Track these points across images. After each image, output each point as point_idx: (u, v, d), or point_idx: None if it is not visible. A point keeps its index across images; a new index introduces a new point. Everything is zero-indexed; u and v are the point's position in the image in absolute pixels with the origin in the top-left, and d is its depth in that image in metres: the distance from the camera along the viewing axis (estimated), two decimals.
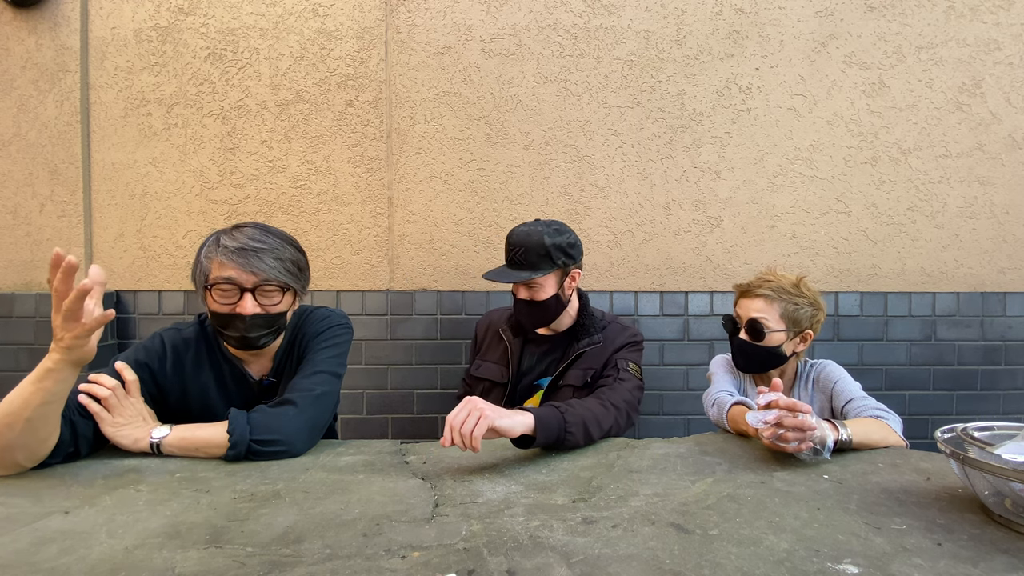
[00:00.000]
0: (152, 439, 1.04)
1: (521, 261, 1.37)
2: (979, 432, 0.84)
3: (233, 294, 1.10)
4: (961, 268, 2.20)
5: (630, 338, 1.43)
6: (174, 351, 1.18)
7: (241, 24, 2.12)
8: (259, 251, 1.10)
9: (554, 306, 1.41)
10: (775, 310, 1.33)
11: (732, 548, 0.71)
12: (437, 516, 0.81)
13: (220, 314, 1.11)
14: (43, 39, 2.10)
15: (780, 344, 1.34)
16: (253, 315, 1.10)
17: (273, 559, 0.69)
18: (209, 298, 1.12)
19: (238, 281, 1.10)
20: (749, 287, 1.37)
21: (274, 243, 1.14)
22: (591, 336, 1.43)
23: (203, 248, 1.14)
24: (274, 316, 1.14)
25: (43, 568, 0.67)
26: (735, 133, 2.16)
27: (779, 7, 2.14)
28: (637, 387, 1.34)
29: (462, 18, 2.12)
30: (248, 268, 1.09)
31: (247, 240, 1.11)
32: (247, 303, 1.10)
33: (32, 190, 2.11)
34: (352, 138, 2.14)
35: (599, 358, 1.40)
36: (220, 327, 1.14)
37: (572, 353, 1.42)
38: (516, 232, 1.40)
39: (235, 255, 1.09)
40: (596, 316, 1.49)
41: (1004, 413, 2.21)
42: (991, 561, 0.67)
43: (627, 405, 1.25)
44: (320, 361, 1.19)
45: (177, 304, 2.15)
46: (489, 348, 1.56)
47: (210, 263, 1.11)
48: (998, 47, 2.16)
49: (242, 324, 1.11)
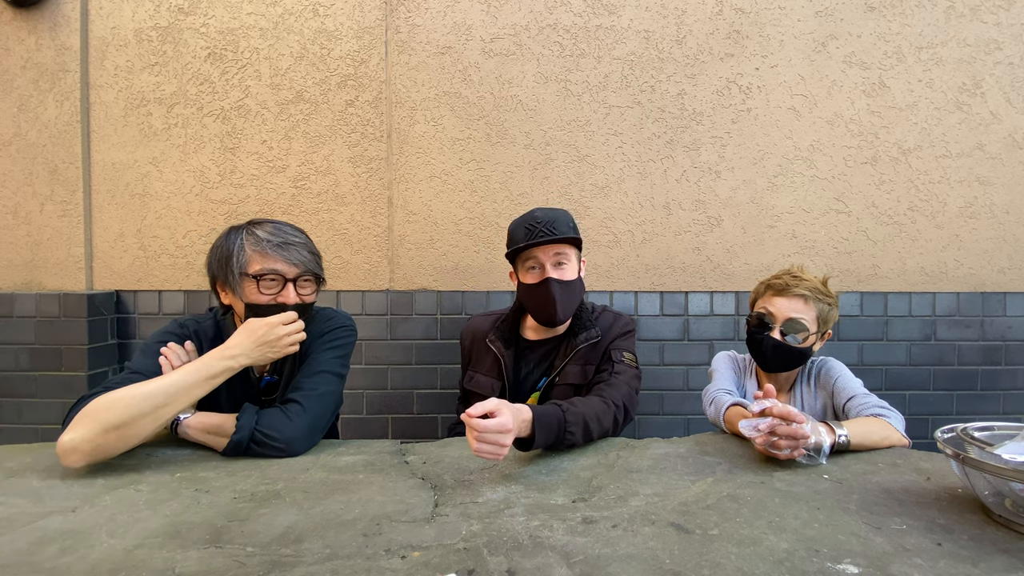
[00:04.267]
0: (178, 416, 1.10)
1: (553, 231, 1.28)
2: (979, 432, 0.84)
3: (277, 284, 1.15)
4: (961, 268, 2.20)
5: (623, 327, 1.39)
6: (196, 339, 1.22)
7: (241, 24, 2.12)
8: (296, 244, 1.17)
9: (579, 290, 1.35)
10: (812, 311, 1.32)
11: (732, 548, 0.71)
12: (437, 516, 0.81)
13: (262, 305, 1.14)
14: (43, 39, 2.10)
15: (811, 345, 1.33)
16: (296, 304, 1.16)
17: (273, 559, 0.69)
18: (252, 290, 1.14)
19: (283, 272, 1.15)
20: (786, 286, 1.33)
21: (304, 237, 1.21)
22: (589, 331, 1.36)
23: (235, 240, 1.16)
24: (309, 306, 1.21)
25: (43, 568, 0.67)
26: (735, 133, 2.16)
27: (779, 7, 2.14)
28: (635, 376, 1.32)
29: (462, 18, 2.12)
30: (291, 260, 1.15)
31: (285, 235, 1.17)
32: (290, 293, 1.16)
33: (32, 190, 2.11)
34: (352, 138, 2.14)
35: (597, 351, 1.36)
36: (256, 316, 1.15)
37: (571, 350, 1.36)
38: (540, 210, 1.34)
39: (279, 248, 1.14)
40: (589, 308, 1.43)
41: (1004, 413, 2.21)
42: (991, 561, 0.67)
43: (626, 398, 1.24)
44: (323, 361, 1.21)
45: (177, 304, 2.15)
46: (479, 359, 1.47)
47: (252, 254, 1.15)
48: (998, 47, 2.16)
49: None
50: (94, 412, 0.96)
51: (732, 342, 2.15)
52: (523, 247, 1.30)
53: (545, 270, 1.31)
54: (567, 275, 1.32)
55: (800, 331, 1.31)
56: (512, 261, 1.40)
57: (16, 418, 2.05)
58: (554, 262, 1.31)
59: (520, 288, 1.38)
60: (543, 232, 1.28)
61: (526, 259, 1.33)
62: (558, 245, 1.31)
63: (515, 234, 1.35)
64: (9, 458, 1.06)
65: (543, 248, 1.30)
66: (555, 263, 1.31)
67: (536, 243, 1.28)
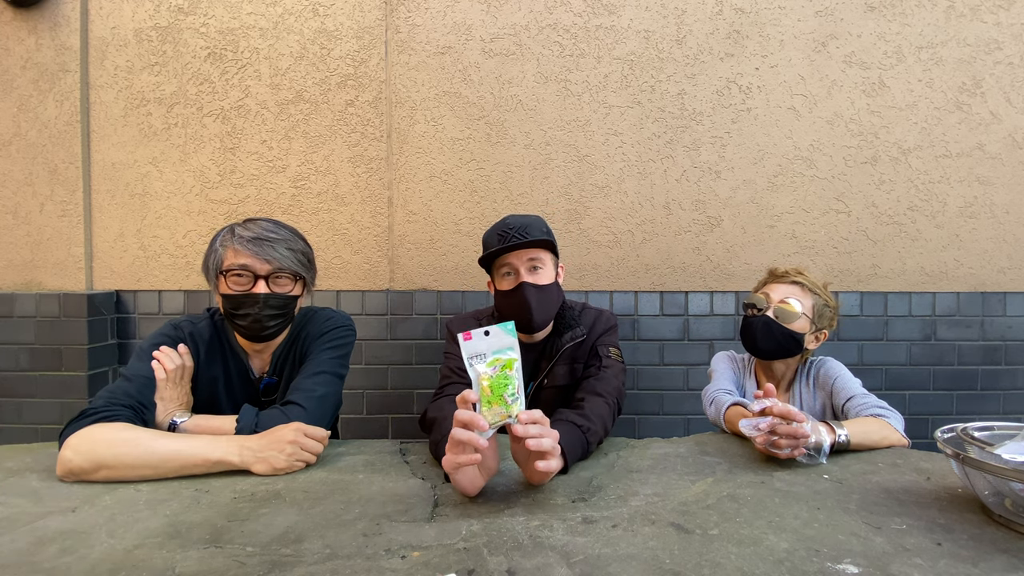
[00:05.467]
0: (174, 419, 1.09)
1: (525, 236, 1.27)
2: (979, 432, 0.84)
3: (247, 281, 1.14)
4: (961, 268, 2.20)
5: (607, 323, 1.38)
6: (192, 340, 1.21)
7: (241, 24, 2.12)
8: (273, 241, 1.15)
9: (555, 295, 1.33)
10: (808, 299, 1.36)
11: (732, 548, 0.71)
12: (437, 516, 0.81)
13: (233, 296, 1.13)
14: (43, 39, 2.10)
15: (803, 333, 1.34)
16: (266, 294, 1.14)
17: (273, 559, 0.69)
18: (223, 284, 1.14)
19: (252, 268, 1.14)
20: (786, 272, 1.40)
21: (287, 235, 1.19)
22: (574, 330, 1.34)
23: (217, 238, 1.18)
24: (286, 299, 1.17)
25: (43, 568, 0.67)
26: (735, 133, 2.16)
27: (779, 7, 2.14)
28: (621, 371, 1.31)
29: (462, 18, 2.12)
30: (262, 256, 1.14)
31: (261, 231, 1.15)
32: (260, 288, 1.14)
33: (32, 190, 2.11)
34: (352, 138, 2.14)
35: (582, 349, 1.35)
36: (232, 310, 1.15)
37: (557, 351, 1.34)
38: (512, 217, 1.33)
39: (250, 244, 1.13)
40: (571, 306, 1.41)
41: (1004, 413, 2.21)
42: (991, 561, 0.67)
43: (617, 393, 1.24)
44: (323, 362, 1.21)
45: (177, 304, 2.15)
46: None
47: (225, 251, 1.15)
48: (998, 47, 2.16)
49: (256, 304, 1.13)
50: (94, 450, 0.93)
51: (732, 342, 2.15)
52: (496, 252, 1.27)
53: (519, 275, 1.28)
54: (542, 279, 1.29)
55: (792, 315, 1.32)
56: (488, 270, 1.37)
57: (16, 418, 2.05)
58: (528, 267, 1.29)
59: (496, 296, 1.35)
60: (516, 237, 1.26)
61: (500, 266, 1.31)
62: (532, 250, 1.28)
63: (488, 241, 1.32)
64: (9, 458, 1.06)
65: (516, 253, 1.28)
66: (529, 268, 1.29)
67: (509, 248, 1.26)
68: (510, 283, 1.30)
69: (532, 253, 1.29)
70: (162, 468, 0.95)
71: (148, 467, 0.94)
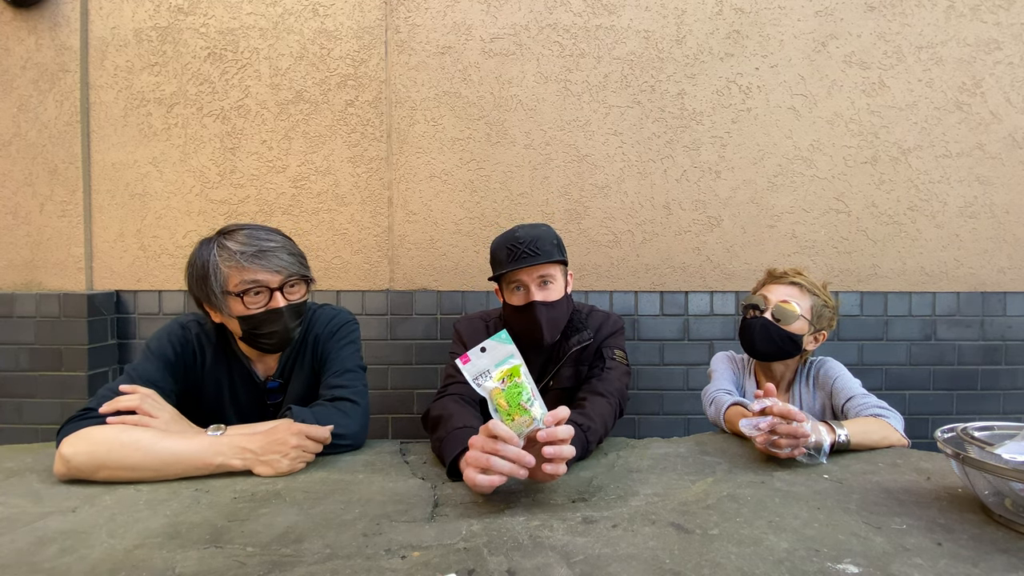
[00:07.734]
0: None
1: (536, 251, 1.24)
2: (979, 432, 0.84)
3: (264, 297, 1.10)
4: (961, 268, 2.20)
5: (613, 325, 1.37)
6: (198, 341, 1.20)
7: (241, 24, 2.12)
8: (274, 250, 1.11)
9: (565, 308, 1.31)
10: (806, 300, 1.36)
11: (732, 548, 0.71)
12: (437, 516, 0.81)
13: (254, 316, 1.10)
14: (43, 39, 2.10)
15: (802, 334, 1.34)
16: (287, 307, 1.11)
17: (273, 559, 0.69)
18: (238, 307, 1.09)
19: (266, 282, 1.10)
20: (785, 273, 1.40)
21: (281, 239, 1.15)
22: (580, 333, 1.33)
23: (206, 258, 1.09)
24: (302, 305, 1.17)
25: (43, 568, 0.67)
26: (735, 133, 2.16)
27: (779, 7, 2.14)
28: (626, 372, 1.31)
29: (462, 18, 2.12)
30: (271, 268, 1.10)
31: (258, 241, 1.10)
32: (279, 301, 1.11)
33: (32, 190, 2.11)
34: (352, 138, 2.14)
35: (588, 351, 1.35)
36: (254, 330, 1.11)
37: (563, 354, 1.34)
38: (521, 228, 1.30)
39: (255, 258, 1.08)
40: (578, 310, 1.41)
41: (1004, 413, 2.21)
42: (991, 561, 0.67)
43: (620, 394, 1.24)
44: (346, 359, 1.22)
45: (177, 304, 2.15)
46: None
47: (229, 271, 1.08)
48: (998, 47, 2.16)
49: (280, 319, 1.11)
50: (94, 452, 0.93)
51: (732, 342, 2.15)
52: (506, 271, 1.26)
53: (530, 292, 1.26)
54: (552, 295, 1.27)
55: (790, 317, 1.32)
56: (496, 279, 1.35)
57: (16, 418, 2.05)
58: (539, 283, 1.27)
59: (506, 308, 1.34)
60: (526, 253, 1.23)
61: (510, 280, 1.29)
62: (542, 266, 1.26)
63: (497, 255, 1.30)
64: (9, 458, 1.06)
65: (527, 270, 1.26)
66: (540, 284, 1.27)
67: (519, 267, 1.24)
68: (520, 299, 1.28)
69: (543, 269, 1.27)
70: (163, 471, 0.94)
71: (149, 470, 0.94)
